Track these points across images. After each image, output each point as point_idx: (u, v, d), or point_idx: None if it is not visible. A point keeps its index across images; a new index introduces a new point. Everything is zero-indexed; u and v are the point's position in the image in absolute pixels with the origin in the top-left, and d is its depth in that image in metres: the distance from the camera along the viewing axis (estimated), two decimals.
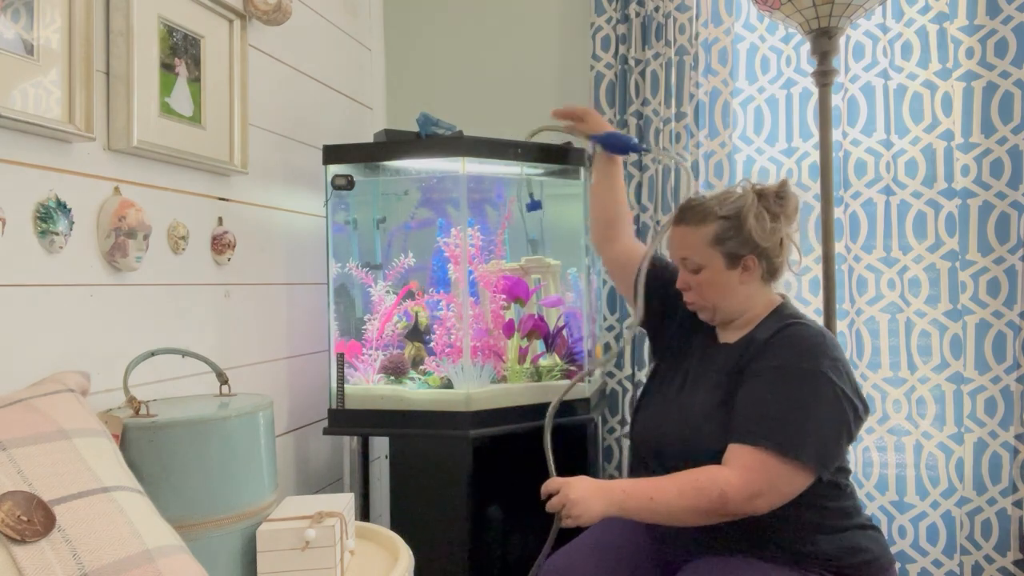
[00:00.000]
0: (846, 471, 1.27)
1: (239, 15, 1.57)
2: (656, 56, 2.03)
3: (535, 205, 1.83)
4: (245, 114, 1.58)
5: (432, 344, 1.75)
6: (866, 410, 1.22)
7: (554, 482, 1.23)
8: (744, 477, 1.14)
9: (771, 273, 1.33)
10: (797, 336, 1.24)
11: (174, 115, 1.39)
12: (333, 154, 1.73)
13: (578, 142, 1.89)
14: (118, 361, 1.29)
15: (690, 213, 1.34)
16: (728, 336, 1.36)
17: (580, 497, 1.18)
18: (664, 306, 1.49)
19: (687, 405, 1.30)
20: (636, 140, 1.68)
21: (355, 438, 1.89)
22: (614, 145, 1.64)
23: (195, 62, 1.45)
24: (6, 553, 0.76)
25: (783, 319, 1.29)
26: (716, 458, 1.19)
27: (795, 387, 1.18)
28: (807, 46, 1.91)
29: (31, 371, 1.12)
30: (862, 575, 1.22)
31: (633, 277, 1.49)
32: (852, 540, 1.22)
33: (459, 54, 2.32)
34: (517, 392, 1.70)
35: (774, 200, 1.32)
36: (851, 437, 1.21)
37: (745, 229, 1.28)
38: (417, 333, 1.78)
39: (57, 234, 1.16)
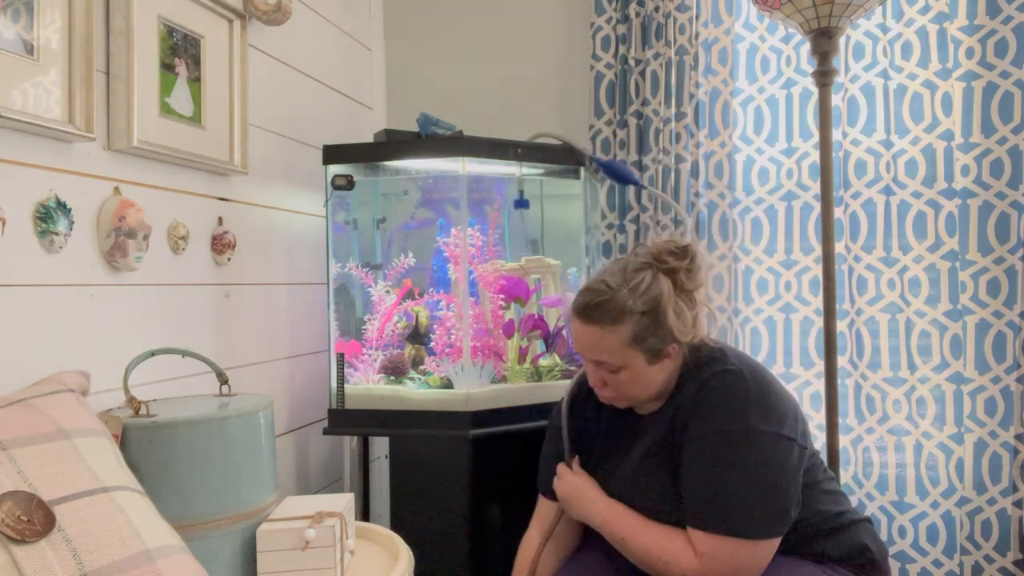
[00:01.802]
0: (831, 478, 1.27)
1: (239, 15, 1.57)
2: (656, 56, 2.03)
3: (522, 203, 1.84)
4: (245, 114, 1.58)
5: (432, 344, 1.75)
6: (805, 436, 1.18)
7: (560, 468, 1.30)
8: (705, 566, 1.11)
9: (689, 348, 1.22)
10: (719, 391, 1.15)
11: (174, 115, 1.39)
12: (333, 154, 1.74)
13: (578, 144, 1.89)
14: (118, 361, 1.29)
15: (599, 312, 1.16)
16: (646, 406, 1.27)
17: (566, 495, 1.27)
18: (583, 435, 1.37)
19: (639, 491, 1.23)
20: (636, 176, 1.76)
21: (355, 438, 1.89)
22: (614, 173, 1.70)
23: (195, 62, 1.45)
24: (6, 553, 0.76)
25: (699, 373, 1.19)
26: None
27: (733, 457, 1.11)
28: (807, 46, 1.91)
29: (31, 371, 1.12)
30: (868, 570, 1.23)
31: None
32: (858, 536, 1.23)
33: (459, 54, 2.32)
34: (517, 392, 1.70)
35: (685, 275, 1.19)
36: (801, 472, 1.16)
37: (666, 325, 1.15)
38: (417, 336, 1.78)
39: (57, 234, 1.16)
